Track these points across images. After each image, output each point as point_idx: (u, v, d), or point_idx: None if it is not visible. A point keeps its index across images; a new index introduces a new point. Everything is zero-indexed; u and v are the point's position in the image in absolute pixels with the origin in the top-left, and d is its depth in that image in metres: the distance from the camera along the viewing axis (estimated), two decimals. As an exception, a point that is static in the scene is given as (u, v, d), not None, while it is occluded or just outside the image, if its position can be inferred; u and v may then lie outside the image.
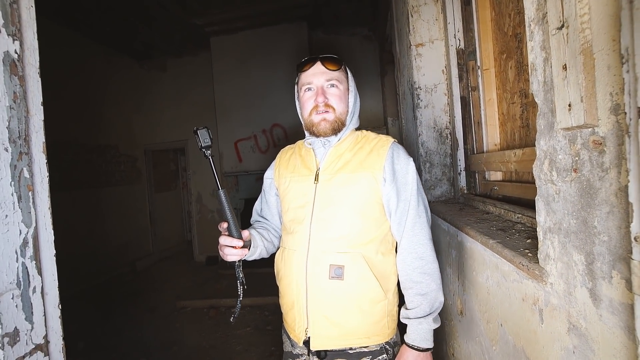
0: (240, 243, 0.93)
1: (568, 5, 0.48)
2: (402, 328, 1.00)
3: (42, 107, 0.58)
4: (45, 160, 0.56)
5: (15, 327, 0.50)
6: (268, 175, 1.16)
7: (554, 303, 0.65)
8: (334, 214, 0.94)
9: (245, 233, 0.97)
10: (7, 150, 0.51)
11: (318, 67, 0.97)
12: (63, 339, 0.58)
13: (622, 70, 0.36)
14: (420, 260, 0.94)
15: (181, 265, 5.55)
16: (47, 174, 0.55)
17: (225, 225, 0.94)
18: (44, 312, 0.54)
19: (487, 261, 1.04)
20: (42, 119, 0.58)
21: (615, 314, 0.49)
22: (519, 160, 1.25)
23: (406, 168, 0.96)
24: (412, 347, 0.91)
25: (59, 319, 0.58)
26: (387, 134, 4.83)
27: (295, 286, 0.96)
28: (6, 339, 0.48)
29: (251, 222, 1.19)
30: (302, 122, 1.04)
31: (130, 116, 5.60)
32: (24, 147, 0.53)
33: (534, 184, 0.81)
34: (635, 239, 0.37)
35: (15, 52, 0.52)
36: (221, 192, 0.93)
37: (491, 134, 1.68)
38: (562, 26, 0.50)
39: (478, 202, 1.60)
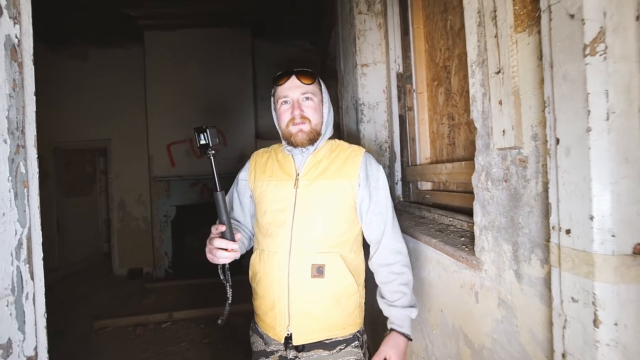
0: (235, 246, 0.94)
1: (504, 57, 0.65)
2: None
3: (34, 97, 0.53)
4: (37, 155, 0.51)
5: (9, 337, 0.45)
6: (243, 177, 1.17)
7: (487, 285, 0.83)
8: (315, 218, 1.01)
9: (237, 235, 0.98)
10: (5, 142, 0.46)
11: (293, 81, 1.03)
12: (48, 351, 0.53)
13: (546, 112, 0.53)
14: (399, 254, 1.05)
15: (97, 281, 4.91)
16: (37, 170, 0.50)
17: (223, 228, 0.93)
18: (35, 321, 0.48)
19: (429, 257, 1.22)
20: (34, 109, 0.53)
21: (532, 286, 0.66)
22: (449, 172, 1.48)
23: (377, 174, 1.08)
24: (402, 334, 1.00)
25: (45, 330, 0.52)
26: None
27: (277, 286, 0.99)
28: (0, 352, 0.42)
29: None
30: (280, 132, 1.09)
31: (38, 109, 4.82)
32: (21, 140, 0.48)
33: (458, 192, 0.98)
34: (552, 227, 0.53)
35: (16, 37, 0.48)
36: (219, 194, 0.93)
37: (423, 149, 1.93)
38: (499, 72, 0.66)
39: (414, 208, 1.83)
